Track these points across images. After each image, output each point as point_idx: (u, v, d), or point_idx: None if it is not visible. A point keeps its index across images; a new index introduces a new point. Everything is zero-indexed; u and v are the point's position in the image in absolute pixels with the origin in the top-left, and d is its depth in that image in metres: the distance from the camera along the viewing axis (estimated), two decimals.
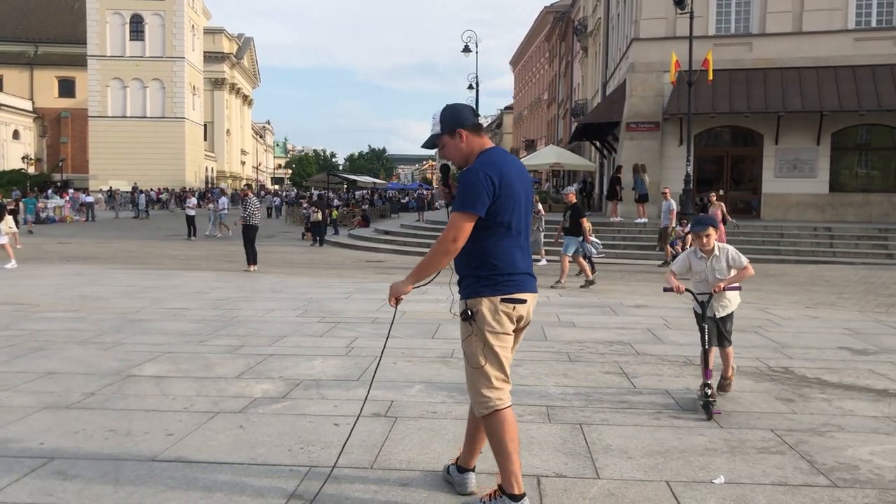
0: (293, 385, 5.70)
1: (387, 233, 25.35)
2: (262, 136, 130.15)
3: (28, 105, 77.68)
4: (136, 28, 72.53)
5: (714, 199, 15.71)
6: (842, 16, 23.47)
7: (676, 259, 5.56)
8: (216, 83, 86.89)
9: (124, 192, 56.26)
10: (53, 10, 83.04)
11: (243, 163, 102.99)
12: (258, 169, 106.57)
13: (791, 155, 23.89)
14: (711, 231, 5.14)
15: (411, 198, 51.57)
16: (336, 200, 40.98)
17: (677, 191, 22.06)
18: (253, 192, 16.82)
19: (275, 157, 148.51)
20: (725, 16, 24.41)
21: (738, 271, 5.15)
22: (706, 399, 4.92)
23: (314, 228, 24.56)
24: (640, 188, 22.19)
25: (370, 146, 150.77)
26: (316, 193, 40.25)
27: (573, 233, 13.27)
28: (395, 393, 5.50)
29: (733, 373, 5.54)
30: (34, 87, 79.52)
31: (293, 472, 3.87)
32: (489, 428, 3.32)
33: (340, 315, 9.28)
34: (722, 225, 15.14)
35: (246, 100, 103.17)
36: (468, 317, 3.29)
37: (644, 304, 10.54)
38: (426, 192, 51.90)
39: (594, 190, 34.01)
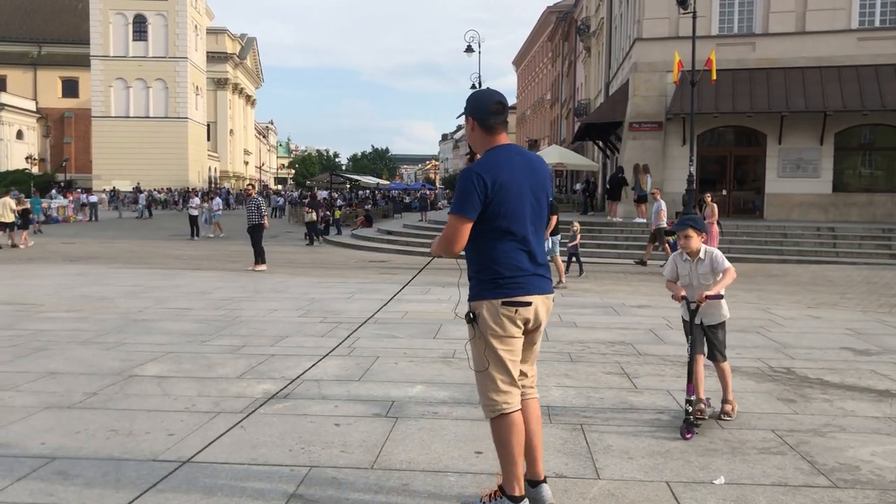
0: (295, 385, 5.70)
1: (389, 233, 25.37)
2: (266, 137, 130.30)
3: (31, 105, 77.85)
4: (140, 28, 72.69)
5: (708, 200, 15.66)
6: (845, 15, 23.43)
7: (665, 264, 5.27)
8: (219, 83, 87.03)
9: (126, 192, 56.40)
10: (57, 11, 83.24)
11: (246, 163, 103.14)
12: (261, 169, 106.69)
13: (794, 155, 23.86)
14: (691, 232, 4.81)
15: (414, 198, 51.59)
16: (339, 200, 41.01)
17: (680, 191, 22.10)
18: (255, 192, 16.83)
19: (278, 157, 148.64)
20: (728, 15, 24.37)
21: (722, 275, 4.78)
22: (687, 416, 4.60)
23: (308, 228, 24.67)
24: (638, 189, 22.20)
25: (373, 146, 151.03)
26: (298, 193, 40.25)
27: (552, 232, 13.34)
28: (397, 393, 5.51)
29: (734, 399, 5.03)
30: (38, 88, 79.70)
31: (293, 473, 3.87)
32: (495, 431, 3.30)
33: (342, 315, 9.28)
34: (717, 226, 15.07)
35: (249, 100, 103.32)
36: (471, 319, 3.29)
37: (646, 305, 10.53)
38: (429, 192, 51.93)
39: (597, 190, 33.98)
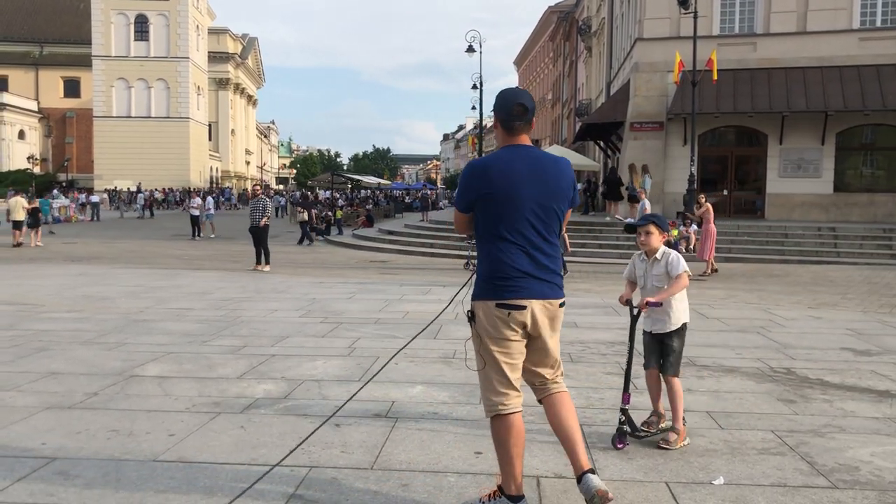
0: (295, 385, 5.71)
1: (390, 233, 25.38)
2: (267, 136, 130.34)
3: (33, 105, 77.99)
4: (141, 28, 72.78)
5: (703, 201, 15.66)
6: (846, 15, 23.42)
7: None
8: (220, 83, 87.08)
9: (126, 193, 56.45)
10: (58, 11, 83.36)
11: (248, 163, 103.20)
12: (262, 169, 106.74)
13: (795, 155, 23.85)
14: (652, 228, 4.43)
15: (415, 198, 51.60)
16: (340, 200, 41.03)
17: (681, 191, 22.11)
18: (262, 193, 16.79)
19: (279, 157, 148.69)
20: (729, 15, 24.37)
21: (674, 280, 4.38)
22: (620, 425, 4.36)
23: (300, 228, 24.68)
24: (632, 189, 22.20)
25: (374, 146, 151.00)
26: (299, 193, 40.19)
27: None
28: (397, 393, 5.51)
29: (685, 436, 4.39)
30: (39, 88, 79.84)
31: (293, 473, 3.88)
32: (493, 430, 3.31)
33: (343, 315, 9.29)
34: (713, 226, 15.05)
35: (250, 100, 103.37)
36: (470, 318, 3.32)
37: None
38: (430, 192, 51.95)
39: (598, 190, 33.95)
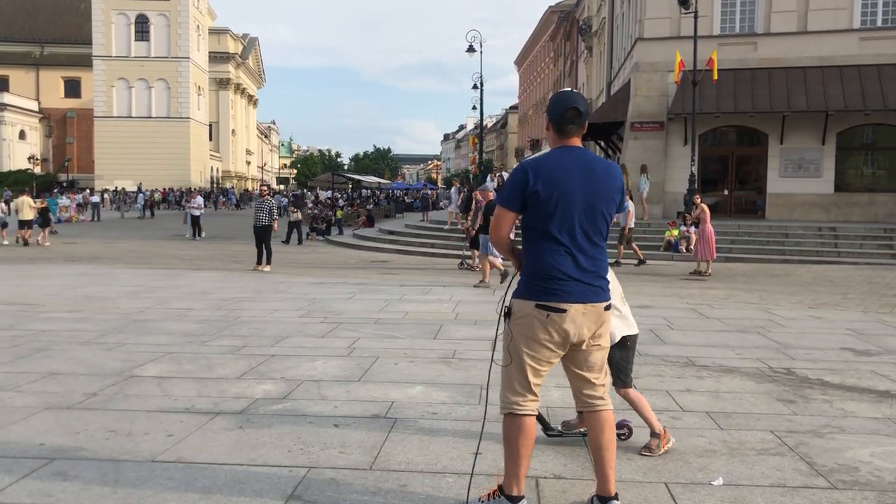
0: (294, 386, 5.71)
1: (391, 233, 25.38)
2: (267, 136, 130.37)
3: (34, 105, 78.02)
4: (142, 28, 72.82)
5: (698, 202, 15.64)
6: (847, 15, 23.40)
7: None
8: (221, 83, 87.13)
9: (125, 193, 56.49)
10: (59, 11, 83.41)
11: (248, 163, 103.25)
12: (263, 169, 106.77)
13: (796, 155, 23.83)
14: None
15: (416, 198, 51.61)
16: (341, 200, 41.04)
17: (682, 191, 22.11)
18: (268, 194, 16.76)
19: (280, 157, 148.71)
20: (730, 15, 24.35)
21: None
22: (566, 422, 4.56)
23: (289, 227, 24.66)
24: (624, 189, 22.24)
25: (375, 146, 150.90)
26: (292, 193, 40.20)
27: (488, 231, 13.29)
28: (396, 393, 5.51)
29: (667, 437, 4.28)
30: (40, 88, 79.89)
31: (292, 474, 3.88)
32: (504, 428, 3.31)
33: (343, 315, 9.29)
34: (710, 226, 15.00)
35: (251, 100, 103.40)
36: (505, 314, 3.29)
37: (648, 305, 10.51)
38: (430, 192, 51.93)
39: None
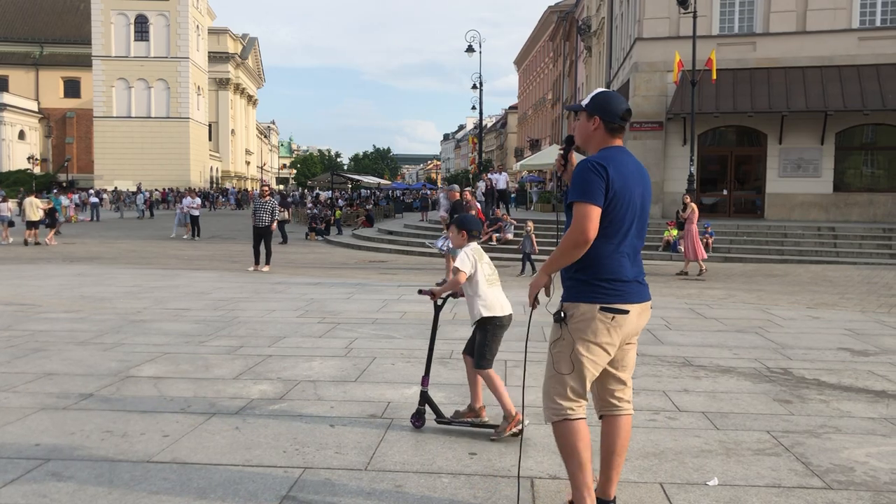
0: (291, 386, 5.71)
1: (390, 233, 25.38)
2: (267, 136, 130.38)
3: (34, 105, 78.04)
4: (141, 28, 72.86)
5: (688, 201, 15.68)
6: (846, 15, 23.40)
7: None
8: (221, 83, 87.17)
9: (125, 192, 56.51)
10: (59, 11, 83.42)
11: (248, 163, 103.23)
12: (263, 169, 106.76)
13: (795, 155, 23.84)
14: (452, 229, 4.75)
15: (415, 198, 51.58)
16: (340, 200, 41.03)
17: (680, 190, 22.10)
18: (269, 194, 16.72)
19: (279, 157, 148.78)
20: (729, 15, 24.35)
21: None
22: (419, 406, 4.65)
23: (280, 226, 24.60)
24: None
25: (375, 146, 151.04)
26: (278, 193, 40.32)
27: None
28: (392, 394, 5.51)
29: (517, 421, 4.38)
30: (39, 88, 79.93)
31: (287, 474, 3.87)
32: (559, 436, 3.19)
33: (341, 316, 9.28)
34: (695, 226, 15.08)
35: (251, 100, 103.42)
36: (560, 319, 3.16)
37: None
38: (430, 192, 51.93)
39: None
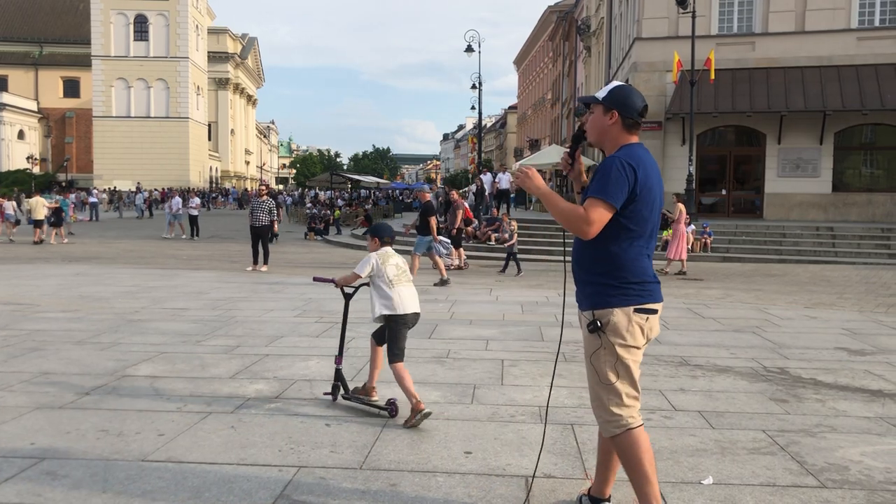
0: (287, 385, 5.71)
1: None
2: (267, 136, 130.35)
3: (33, 105, 77.98)
4: (141, 28, 72.81)
5: (676, 201, 15.67)
6: (845, 15, 23.41)
7: None
8: (220, 83, 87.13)
9: (124, 192, 56.50)
10: (58, 11, 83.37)
11: (248, 163, 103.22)
12: (262, 169, 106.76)
13: (794, 154, 23.85)
14: (369, 236, 5.31)
15: (415, 197, 51.55)
16: (339, 200, 41.05)
17: (679, 190, 22.08)
18: (267, 194, 16.69)
19: (279, 157, 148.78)
20: (728, 15, 24.37)
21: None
22: (334, 383, 5.26)
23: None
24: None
25: (374, 146, 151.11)
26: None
27: (424, 232, 13.20)
28: (389, 393, 5.50)
29: (420, 411, 4.70)
30: (39, 88, 79.85)
31: (282, 473, 3.87)
32: (623, 449, 3.08)
33: (338, 315, 9.25)
34: (683, 226, 15.09)
35: (250, 100, 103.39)
36: (597, 328, 3.03)
37: None
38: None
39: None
